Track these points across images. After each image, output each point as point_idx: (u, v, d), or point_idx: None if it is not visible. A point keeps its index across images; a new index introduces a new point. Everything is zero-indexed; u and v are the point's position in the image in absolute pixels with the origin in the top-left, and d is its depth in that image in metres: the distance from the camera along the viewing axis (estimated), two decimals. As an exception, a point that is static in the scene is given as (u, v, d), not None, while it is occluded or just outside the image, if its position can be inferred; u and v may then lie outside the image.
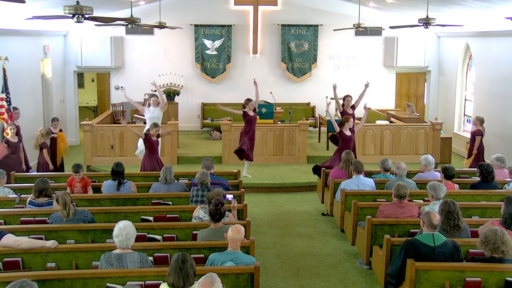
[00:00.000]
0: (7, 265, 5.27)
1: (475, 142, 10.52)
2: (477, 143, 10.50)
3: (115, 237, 4.82)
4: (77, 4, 7.00)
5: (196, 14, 15.19)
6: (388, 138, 12.42)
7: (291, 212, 9.59)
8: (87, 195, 7.63)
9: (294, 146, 12.30)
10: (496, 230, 4.83)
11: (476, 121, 10.76)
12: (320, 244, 7.98)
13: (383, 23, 13.95)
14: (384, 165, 8.48)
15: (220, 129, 12.74)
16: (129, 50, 15.27)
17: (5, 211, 6.72)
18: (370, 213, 7.01)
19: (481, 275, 4.91)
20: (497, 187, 7.79)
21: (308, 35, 15.37)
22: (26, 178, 8.78)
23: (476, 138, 10.53)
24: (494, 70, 12.20)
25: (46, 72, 13.60)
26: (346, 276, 6.82)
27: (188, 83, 15.43)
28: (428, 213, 5.28)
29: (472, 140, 10.66)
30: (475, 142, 10.53)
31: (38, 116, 12.82)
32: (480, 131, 10.57)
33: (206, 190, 6.96)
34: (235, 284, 4.91)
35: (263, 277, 6.63)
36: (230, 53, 15.34)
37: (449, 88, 14.90)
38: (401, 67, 15.63)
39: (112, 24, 9.67)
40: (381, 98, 15.62)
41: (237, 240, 4.95)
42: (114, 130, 12.16)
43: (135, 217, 6.66)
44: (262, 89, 14.82)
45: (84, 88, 18.96)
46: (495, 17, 10.89)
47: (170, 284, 4.06)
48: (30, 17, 7.56)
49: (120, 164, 7.61)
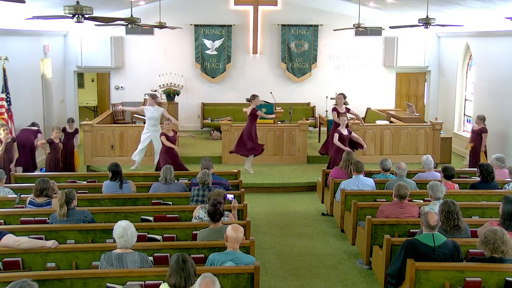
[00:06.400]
0: (7, 265, 5.27)
1: (483, 140, 10.96)
2: (485, 140, 10.97)
3: (120, 238, 4.79)
4: (77, 4, 7.00)
5: (196, 14, 15.19)
6: (388, 138, 12.42)
7: (291, 212, 9.59)
8: (87, 195, 7.62)
9: (294, 146, 12.30)
10: (496, 230, 4.83)
11: (478, 120, 11.15)
12: (320, 244, 7.98)
13: (383, 23, 13.95)
14: (384, 165, 8.49)
15: (220, 129, 12.73)
16: (129, 50, 15.26)
17: (5, 211, 6.72)
18: (370, 213, 7.01)
19: (481, 275, 4.91)
20: (497, 187, 7.79)
21: (308, 35, 15.36)
22: (26, 178, 8.78)
23: (483, 136, 10.97)
24: (494, 70, 12.20)
25: (46, 72, 13.60)
26: (346, 276, 6.82)
27: (188, 83, 15.43)
28: (426, 214, 5.28)
29: (476, 137, 11.05)
30: (482, 140, 10.96)
31: (38, 116, 12.80)
32: (485, 129, 11.02)
33: (207, 190, 6.96)
34: (235, 284, 4.91)
35: (263, 277, 6.63)
36: (230, 53, 15.34)
37: (449, 88, 14.90)
38: (401, 67, 15.62)
39: (112, 24, 9.68)
40: (381, 98, 15.64)
41: (236, 239, 4.94)
42: (114, 130, 12.16)
43: (135, 217, 6.66)
44: (262, 89, 14.94)
45: (84, 88, 18.95)
46: (495, 17, 10.89)
47: (172, 285, 4.05)
48: (30, 17, 7.56)
49: (117, 164, 7.61)
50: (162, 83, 14.83)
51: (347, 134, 10.24)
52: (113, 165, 7.55)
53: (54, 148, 10.37)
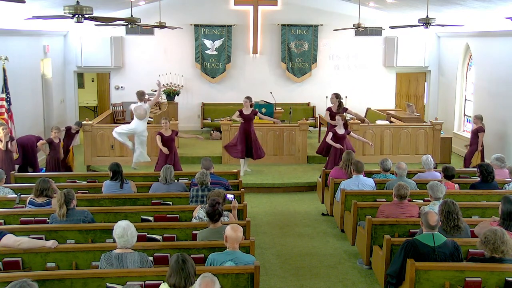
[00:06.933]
0: (7, 265, 5.27)
1: (479, 139, 10.95)
2: (481, 139, 10.94)
3: (119, 238, 4.79)
4: (77, 4, 6.99)
5: (196, 14, 15.20)
6: (388, 138, 12.42)
7: (291, 212, 9.59)
8: (87, 195, 7.62)
9: (294, 146, 12.30)
10: (496, 230, 4.83)
11: (475, 119, 11.19)
12: (320, 244, 7.98)
13: (383, 23, 13.95)
14: (384, 165, 8.49)
15: (220, 129, 12.73)
16: (129, 50, 15.27)
17: (5, 211, 6.72)
18: (370, 213, 7.01)
19: (481, 275, 4.91)
20: (497, 187, 7.79)
21: (308, 35, 15.36)
22: (26, 178, 8.78)
23: (479, 135, 10.95)
24: (494, 70, 12.20)
25: (46, 72, 13.60)
26: (346, 276, 6.82)
27: (188, 83, 15.43)
28: (426, 214, 5.28)
29: (475, 137, 11.04)
30: (478, 139, 10.95)
31: (38, 116, 12.82)
32: (482, 128, 11.00)
33: (206, 190, 6.96)
34: (235, 284, 4.91)
35: (263, 277, 6.63)
36: (230, 53, 15.34)
37: (449, 88, 14.90)
38: (401, 67, 15.62)
39: (112, 24, 9.68)
40: (381, 98, 15.64)
41: (236, 239, 4.94)
42: (114, 130, 12.14)
43: (135, 217, 6.66)
44: (262, 89, 14.95)
45: (84, 88, 18.93)
46: (495, 17, 10.89)
47: (171, 285, 4.05)
48: (30, 17, 7.56)
49: (119, 164, 7.61)
50: (162, 83, 14.81)
51: (343, 133, 10.24)
52: (114, 164, 7.55)
53: (54, 148, 10.37)
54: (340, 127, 10.26)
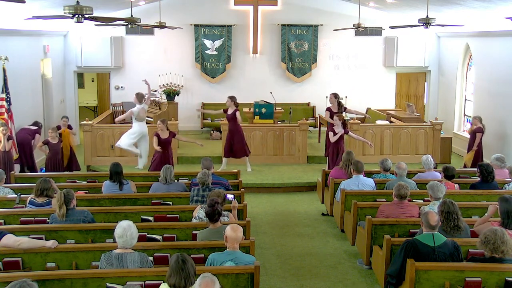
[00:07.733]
0: (7, 265, 5.27)
1: (476, 139, 11.03)
2: (478, 140, 11.01)
3: (119, 238, 4.79)
4: (77, 4, 6.99)
5: (196, 14, 15.19)
6: (388, 138, 12.41)
7: (291, 212, 9.59)
8: (87, 195, 7.62)
9: (294, 146, 12.29)
10: (496, 230, 4.83)
11: (475, 120, 11.30)
12: (320, 244, 7.98)
13: (383, 23, 13.94)
14: (384, 165, 8.49)
15: (220, 129, 12.73)
16: (129, 50, 15.26)
17: (5, 211, 6.72)
18: (370, 213, 7.01)
19: (481, 275, 4.91)
20: (497, 187, 7.79)
21: (308, 35, 15.36)
22: (26, 178, 8.78)
23: (476, 135, 11.03)
24: (494, 70, 12.20)
25: (46, 72, 13.60)
26: (346, 276, 6.82)
27: (188, 83, 15.43)
28: (426, 214, 5.28)
29: (473, 138, 11.13)
30: (475, 139, 11.03)
31: (38, 116, 12.79)
32: (481, 129, 11.09)
33: (207, 190, 6.96)
34: (235, 284, 4.91)
35: (263, 277, 6.63)
36: (230, 53, 15.34)
37: (449, 88, 14.90)
38: (401, 67, 15.62)
39: (112, 24, 9.68)
40: (381, 98, 15.64)
41: (235, 239, 4.94)
42: (114, 130, 12.13)
43: (135, 217, 6.65)
44: (262, 89, 14.94)
45: (84, 88, 18.94)
46: (495, 17, 10.89)
47: (171, 285, 4.05)
48: (30, 17, 7.56)
49: (118, 164, 7.58)
50: (162, 83, 14.83)
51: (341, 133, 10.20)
52: (113, 165, 7.53)
53: (53, 148, 10.36)
54: (339, 126, 10.24)
